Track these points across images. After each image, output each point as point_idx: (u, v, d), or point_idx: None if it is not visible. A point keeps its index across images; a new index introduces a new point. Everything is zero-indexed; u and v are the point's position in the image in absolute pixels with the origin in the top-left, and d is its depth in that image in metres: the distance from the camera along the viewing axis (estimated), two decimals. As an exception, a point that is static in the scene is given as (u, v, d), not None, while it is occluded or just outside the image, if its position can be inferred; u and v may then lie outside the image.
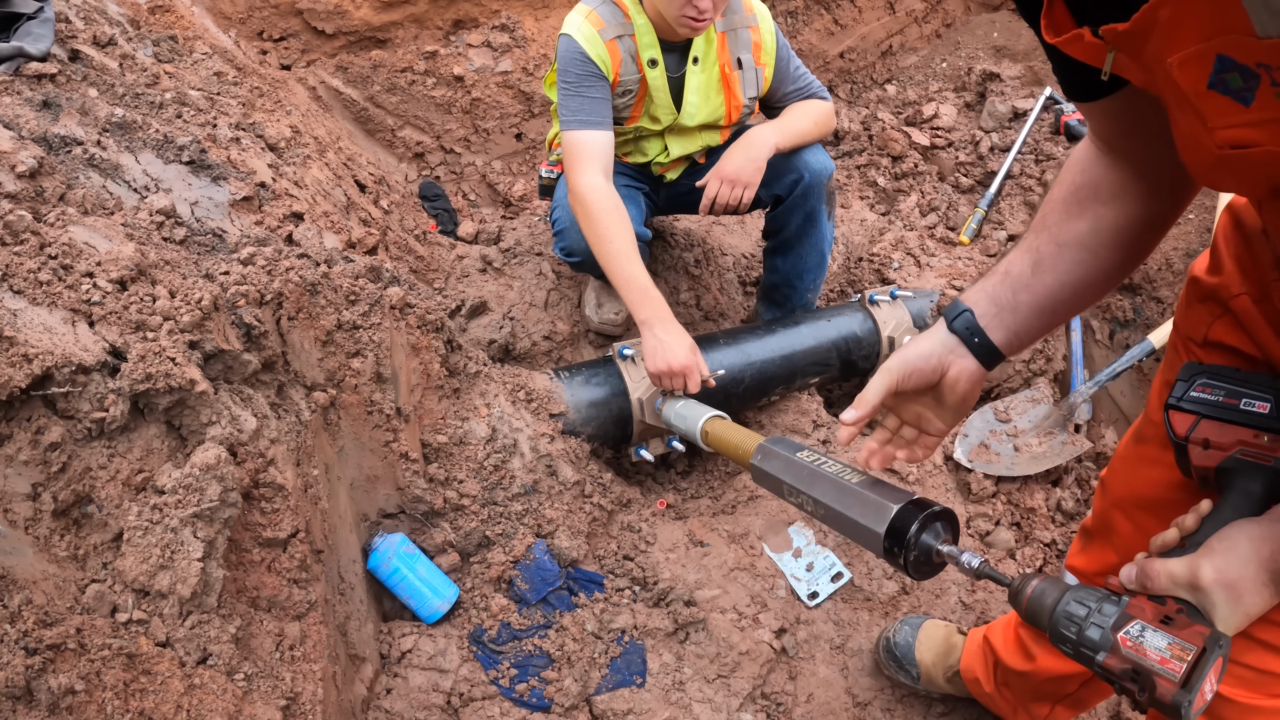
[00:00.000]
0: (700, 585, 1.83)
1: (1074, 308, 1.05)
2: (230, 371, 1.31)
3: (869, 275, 2.93)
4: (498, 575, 1.71)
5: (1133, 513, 1.20)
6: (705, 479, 2.30)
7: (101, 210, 1.51)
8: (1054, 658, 1.39)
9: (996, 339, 1.03)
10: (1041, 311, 1.03)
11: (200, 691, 1.02)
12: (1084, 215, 1.00)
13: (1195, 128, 0.69)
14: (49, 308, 1.17)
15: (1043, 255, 1.02)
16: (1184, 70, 0.64)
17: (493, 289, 2.47)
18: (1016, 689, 1.51)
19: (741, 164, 2.08)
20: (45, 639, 0.96)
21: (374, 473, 1.64)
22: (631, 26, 2.00)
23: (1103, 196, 0.99)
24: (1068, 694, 1.46)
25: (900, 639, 1.72)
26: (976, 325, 1.04)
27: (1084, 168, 1.01)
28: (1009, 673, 1.50)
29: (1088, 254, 1.00)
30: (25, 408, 1.07)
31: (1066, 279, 1.01)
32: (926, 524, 1.00)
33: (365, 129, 3.19)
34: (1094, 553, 1.31)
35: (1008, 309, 1.03)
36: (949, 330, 1.06)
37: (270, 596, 1.21)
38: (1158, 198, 0.97)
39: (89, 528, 1.11)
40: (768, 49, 2.14)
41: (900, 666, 1.71)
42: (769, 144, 2.10)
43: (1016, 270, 1.03)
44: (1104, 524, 1.27)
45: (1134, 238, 1.00)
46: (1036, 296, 1.02)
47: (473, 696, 1.56)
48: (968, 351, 1.04)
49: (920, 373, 1.05)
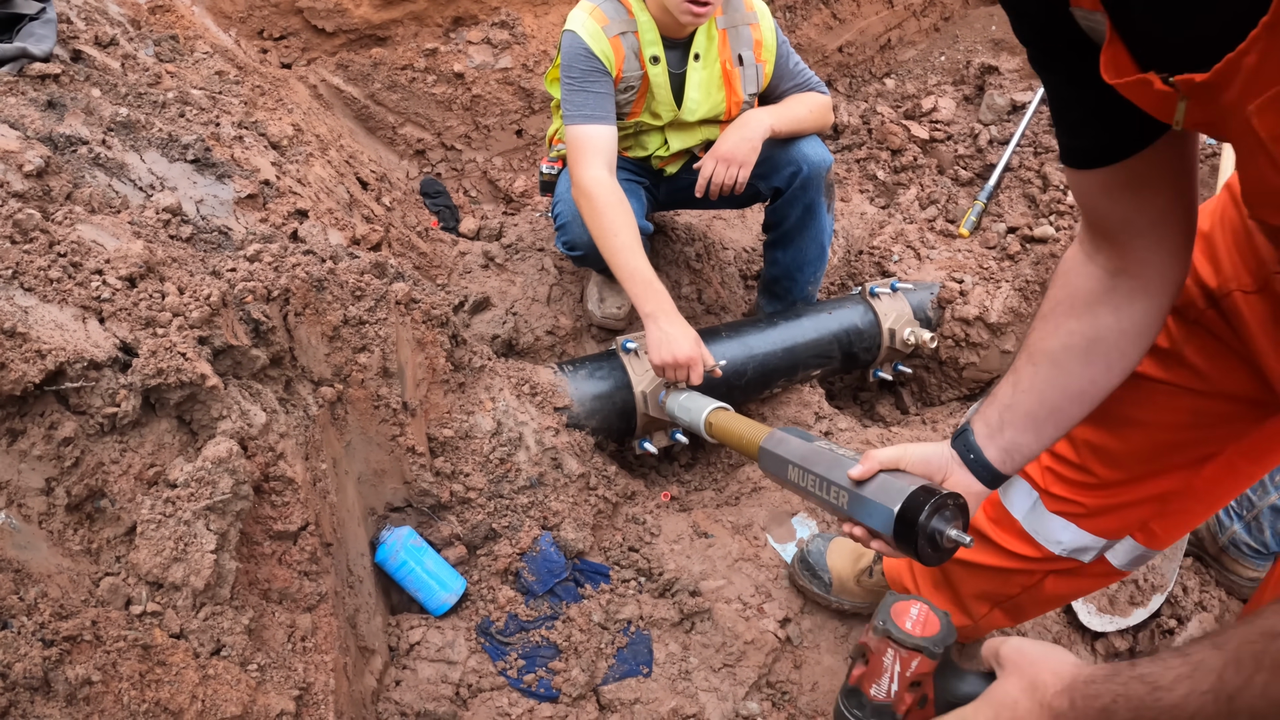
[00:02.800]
0: (705, 576, 1.84)
1: (1061, 424, 1.08)
2: (239, 367, 1.32)
3: (869, 268, 2.94)
4: (504, 567, 1.72)
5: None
6: (708, 471, 2.31)
7: (108, 209, 1.53)
8: (999, 556, 1.39)
9: (991, 458, 1.08)
10: (1026, 429, 1.07)
11: (214, 682, 1.04)
12: (1056, 332, 1.03)
13: (1267, 173, 0.68)
14: (59, 305, 1.18)
15: (1020, 375, 1.07)
16: (1263, 116, 0.62)
17: (495, 284, 2.48)
18: (955, 585, 1.51)
19: (736, 143, 2.10)
20: (62, 631, 0.97)
21: (381, 467, 1.65)
22: (634, 23, 2.02)
23: (1077, 309, 1.02)
24: (1009, 596, 1.45)
25: (814, 548, 1.81)
26: (974, 444, 1.09)
27: (1064, 281, 1.04)
28: (950, 567, 1.47)
29: (1059, 371, 1.03)
30: (38, 403, 1.08)
31: (1044, 397, 1.05)
32: (937, 509, 1.01)
33: (366, 126, 3.20)
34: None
35: (996, 430, 1.08)
36: (951, 445, 1.12)
37: (281, 589, 1.22)
38: (1138, 304, 0.99)
39: (102, 521, 1.12)
40: (768, 45, 2.16)
41: (813, 574, 1.79)
42: (764, 125, 2.12)
43: (1001, 393, 1.09)
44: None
45: (1108, 351, 1.02)
46: (1017, 416, 1.06)
47: (481, 687, 1.57)
48: (964, 468, 1.10)
49: (924, 465, 1.11)
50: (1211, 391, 1.10)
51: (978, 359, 2.67)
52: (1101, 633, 1.89)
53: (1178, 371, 1.11)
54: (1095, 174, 0.91)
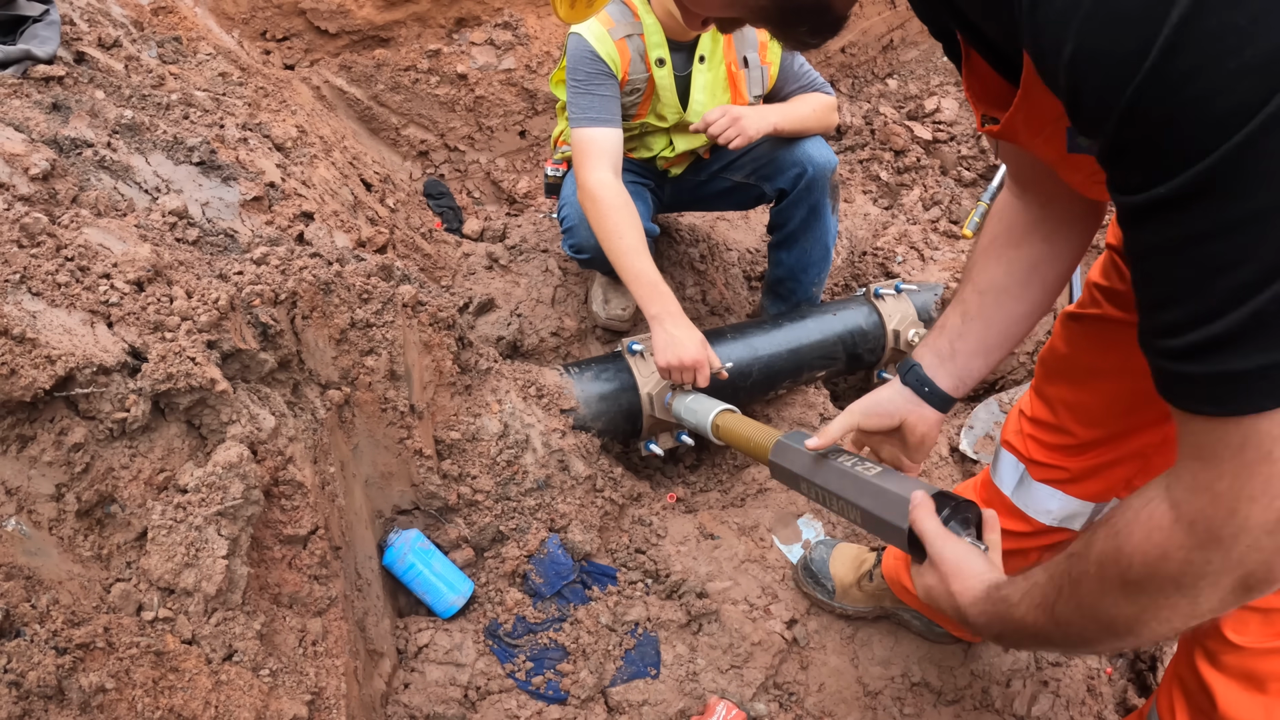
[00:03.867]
0: (712, 577, 1.84)
1: (1007, 345, 1.20)
2: (247, 371, 1.31)
3: (873, 269, 2.94)
4: (512, 570, 1.72)
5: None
6: (714, 472, 2.31)
7: (114, 212, 1.52)
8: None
9: (944, 386, 1.20)
10: (977, 354, 1.19)
11: (227, 688, 1.04)
12: (999, 261, 1.16)
13: (1060, 171, 0.94)
14: (68, 309, 1.18)
15: (968, 305, 1.19)
16: (1038, 148, 0.88)
17: (499, 286, 2.48)
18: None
19: (750, 115, 2.09)
20: (74, 638, 0.97)
21: (388, 469, 1.65)
22: (640, 26, 2.01)
23: (1014, 240, 1.15)
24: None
25: (816, 556, 1.85)
26: (926, 376, 1.20)
27: (999, 218, 1.18)
28: None
29: (1005, 296, 1.16)
30: (48, 409, 1.08)
31: (992, 321, 1.18)
32: (951, 517, 1.01)
33: (369, 128, 3.20)
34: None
35: (948, 358, 1.20)
36: (903, 384, 1.23)
37: (292, 593, 1.22)
38: (1064, 232, 1.13)
39: (112, 527, 1.12)
40: (773, 47, 2.16)
41: (817, 582, 1.82)
42: (768, 121, 2.12)
43: (950, 323, 1.20)
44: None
45: (1045, 273, 1.15)
46: (969, 343, 1.19)
47: (490, 690, 1.57)
48: (922, 401, 1.21)
49: (879, 416, 1.22)
50: None
51: (982, 359, 2.66)
52: None
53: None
54: (1004, 144, 1.06)
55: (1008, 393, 2.56)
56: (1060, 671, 1.81)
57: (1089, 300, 1.33)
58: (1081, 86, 0.60)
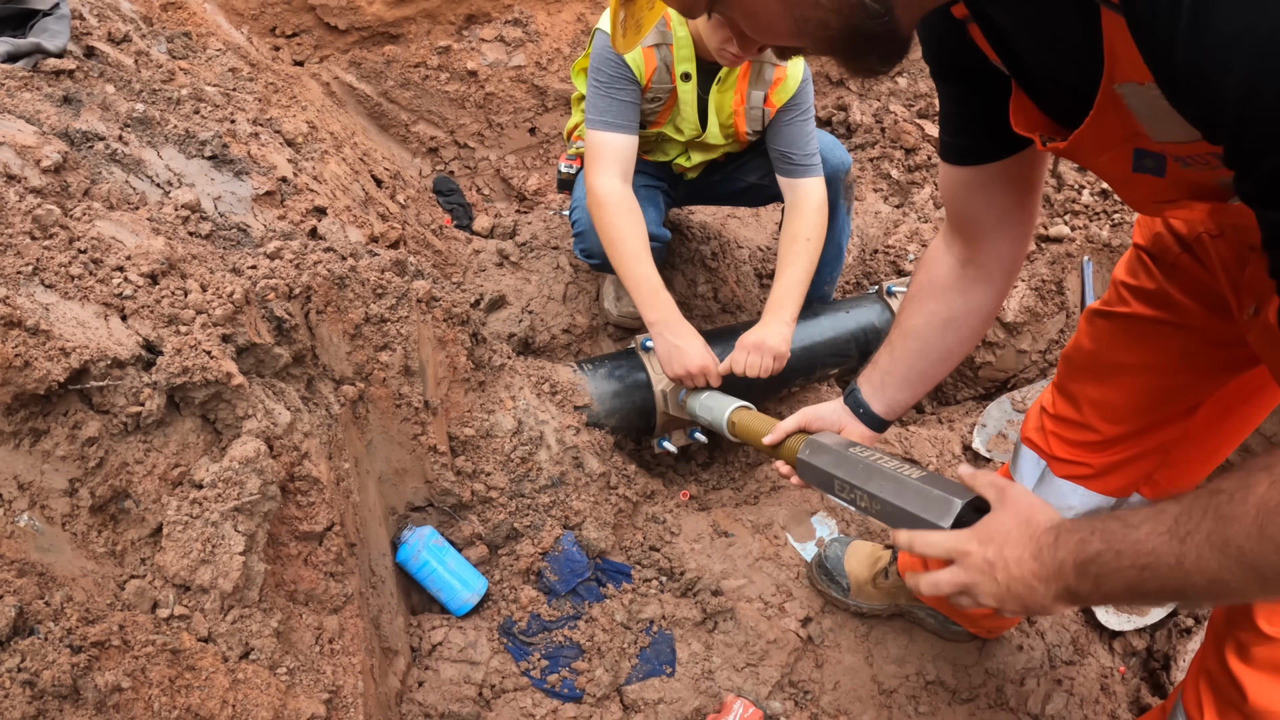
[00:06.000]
0: (726, 575, 1.82)
1: (929, 382, 1.34)
2: (262, 365, 1.30)
3: (884, 267, 2.92)
4: (526, 567, 1.70)
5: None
6: (726, 470, 2.29)
7: (126, 205, 1.51)
8: None
9: (878, 410, 1.36)
10: (902, 388, 1.34)
11: (244, 686, 1.02)
12: (920, 311, 1.28)
13: (1118, 191, 0.98)
14: (81, 302, 1.16)
15: (895, 346, 1.33)
16: (1102, 167, 0.91)
17: (510, 283, 2.46)
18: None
19: (771, 338, 1.95)
20: (89, 636, 0.95)
21: (402, 466, 1.63)
22: (671, 37, 1.97)
23: (934, 293, 1.26)
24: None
25: (831, 554, 1.85)
26: (863, 400, 1.36)
27: (927, 268, 1.28)
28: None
29: (924, 343, 1.29)
30: (62, 402, 1.06)
31: (913, 363, 1.31)
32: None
33: (379, 124, 3.19)
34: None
35: (879, 389, 1.35)
36: (844, 402, 1.39)
37: (308, 590, 1.21)
38: (981, 286, 1.23)
39: (126, 523, 1.10)
40: (784, 91, 2.07)
41: (831, 579, 1.82)
42: (788, 325, 2.00)
43: (881, 360, 1.35)
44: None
45: (958, 327, 1.27)
46: (894, 379, 1.33)
47: (504, 688, 1.55)
48: (857, 419, 1.37)
49: (823, 421, 1.37)
50: (1196, 326, 1.23)
51: (994, 358, 2.65)
52: (1119, 631, 1.88)
53: (1166, 309, 1.25)
54: (962, 171, 1.13)
55: (1020, 391, 2.54)
56: (1074, 670, 1.79)
57: (1116, 298, 1.32)
58: (1255, 104, 0.60)
